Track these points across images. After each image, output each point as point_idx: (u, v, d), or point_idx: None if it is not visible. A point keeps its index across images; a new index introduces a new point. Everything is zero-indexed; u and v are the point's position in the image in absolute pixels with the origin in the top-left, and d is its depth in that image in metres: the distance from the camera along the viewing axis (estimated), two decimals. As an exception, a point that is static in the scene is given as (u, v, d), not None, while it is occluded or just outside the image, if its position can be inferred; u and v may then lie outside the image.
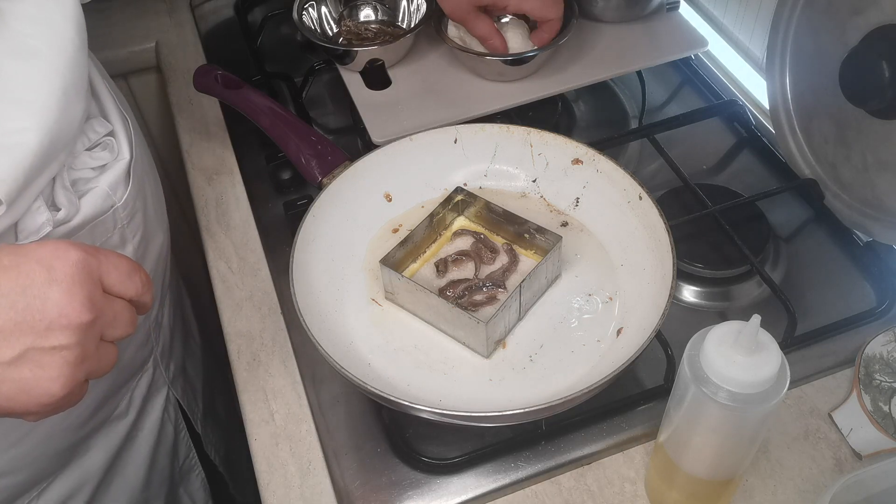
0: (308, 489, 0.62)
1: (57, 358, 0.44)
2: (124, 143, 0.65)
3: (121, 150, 0.65)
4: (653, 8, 0.92)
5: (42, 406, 0.45)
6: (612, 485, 0.62)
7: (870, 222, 0.71)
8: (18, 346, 0.43)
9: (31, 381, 0.44)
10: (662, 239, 0.64)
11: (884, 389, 0.62)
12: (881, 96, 0.64)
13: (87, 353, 0.45)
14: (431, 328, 0.66)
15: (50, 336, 0.43)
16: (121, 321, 0.47)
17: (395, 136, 0.74)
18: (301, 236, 0.66)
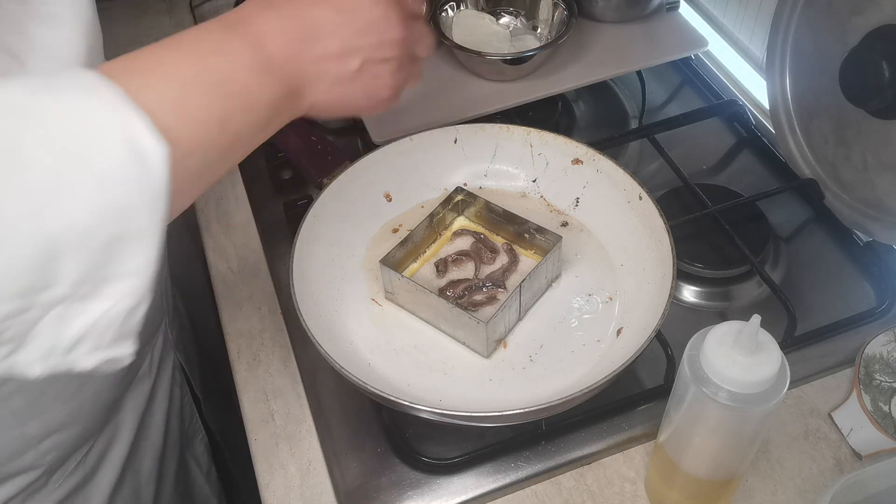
0: (308, 489, 0.62)
1: (386, 67, 0.54)
2: None
3: None
4: (653, 8, 0.92)
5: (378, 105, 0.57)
6: (612, 485, 0.62)
7: (870, 222, 0.71)
8: (359, 59, 0.52)
9: (371, 87, 0.54)
10: (662, 239, 0.64)
11: (884, 389, 0.62)
12: (881, 96, 0.64)
13: (404, 64, 0.55)
14: (431, 328, 0.66)
15: (381, 49, 0.53)
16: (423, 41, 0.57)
17: (395, 136, 0.74)
18: (301, 236, 0.66)
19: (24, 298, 0.36)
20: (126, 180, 0.37)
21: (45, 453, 0.63)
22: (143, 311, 0.41)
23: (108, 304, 0.39)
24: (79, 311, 0.38)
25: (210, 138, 0.44)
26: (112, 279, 0.38)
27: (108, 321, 0.39)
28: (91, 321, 0.39)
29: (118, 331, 0.40)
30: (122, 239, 0.38)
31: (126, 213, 0.38)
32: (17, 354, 0.38)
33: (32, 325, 0.37)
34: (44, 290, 0.36)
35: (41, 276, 0.36)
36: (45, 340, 0.38)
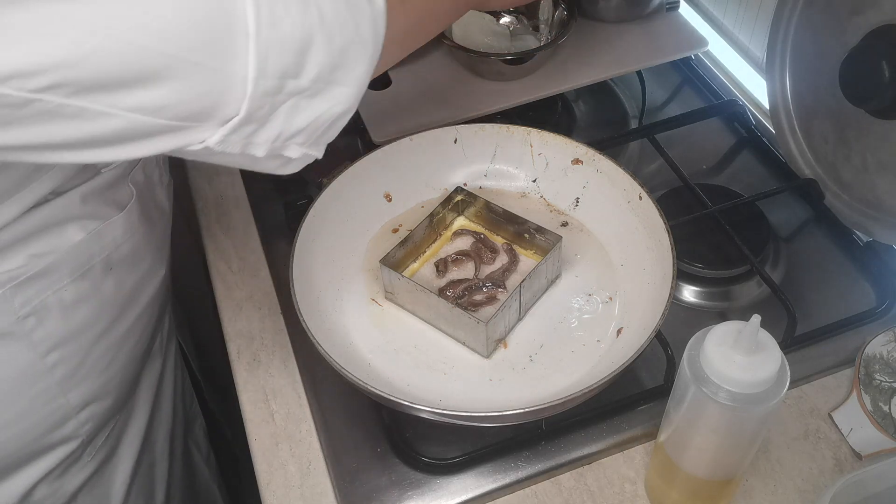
0: (308, 489, 0.62)
1: None
2: None
3: None
4: (653, 8, 0.92)
5: None
6: (612, 485, 0.62)
7: (870, 222, 0.71)
8: None
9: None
10: (662, 239, 0.64)
11: (884, 389, 0.62)
12: (881, 96, 0.64)
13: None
14: (431, 328, 0.66)
15: None
16: None
17: (395, 136, 0.74)
18: (301, 236, 0.66)
19: (280, 80, 0.41)
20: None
21: (84, 423, 0.66)
22: (345, 121, 0.47)
23: (327, 104, 0.45)
24: (306, 106, 0.44)
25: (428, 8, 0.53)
26: (336, 83, 0.45)
27: (322, 121, 0.46)
28: (312, 117, 0.45)
29: (324, 132, 0.47)
30: (352, 45, 0.44)
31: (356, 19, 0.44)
32: (257, 135, 0.43)
33: (274, 110, 0.43)
34: (293, 79, 0.42)
35: (295, 62, 0.42)
36: (277, 126, 0.44)
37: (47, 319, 0.58)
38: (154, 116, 0.39)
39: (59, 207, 0.57)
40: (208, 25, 0.38)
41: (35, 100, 0.36)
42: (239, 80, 0.40)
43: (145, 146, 0.41)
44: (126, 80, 0.38)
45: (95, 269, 0.61)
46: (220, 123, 0.42)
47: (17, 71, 0.35)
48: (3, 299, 0.55)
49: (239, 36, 0.39)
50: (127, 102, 0.38)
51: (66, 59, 0.36)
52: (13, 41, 0.35)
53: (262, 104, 0.42)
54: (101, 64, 0.36)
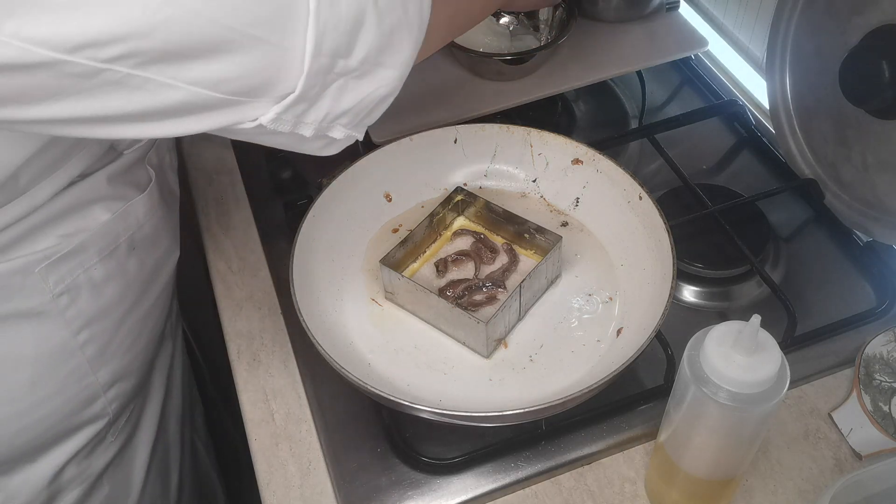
0: (308, 489, 0.62)
1: None
2: None
3: None
4: (653, 8, 0.92)
5: None
6: (612, 485, 0.62)
7: (870, 222, 0.71)
8: None
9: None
10: (662, 239, 0.64)
11: (884, 389, 0.62)
12: (881, 96, 0.64)
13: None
14: (431, 328, 0.66)
15: None
16: None
17: (395, 136, 0.74)
18: (301, 236, 0.66)
19: (332, 59, 0.42)
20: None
21: (111, 402, 0.68)
22: (387, 104, 0.48)
23: (373, 86, 0.46)
24: (354, 87, 0.45)
25: None
26: (382, 66, 0.45)
27: (367, 102, 0.46)
28: (359, 98, 0.46)
29: (368, 115, 0.48)
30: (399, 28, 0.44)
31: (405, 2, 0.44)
32: (307, 114, 0.44)
33: (325, 89, 0.43)
34: (343, 58, 0.43)
35: (347, 41, 0.42)
36: (326, 105, 0.44)
37: (79, 298, 0.60)
38: (213, 90, 0.40)
39: (87, 189, 0.59)
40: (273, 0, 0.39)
41: (105, 70, 0.37)
42: (297, 56, 0.41)
43: (202, 121, 0.42)
44: (191, 52, 0.38)
45: (121, 248, 0.63)
46: (274, 101, 0.42)
47: (92, 40, 0.35)
48: (39, 278, 0.57)
49: (301, 12, 0.39)
50: (189, 75, 0.39)
51: (138, 29, 0.36)
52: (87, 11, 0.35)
53: (315, 83, 0.42)
54: (170, 34, 0.37)
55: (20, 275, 0.56)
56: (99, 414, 0.67)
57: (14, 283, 0.56)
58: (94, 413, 0.67)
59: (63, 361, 0.62)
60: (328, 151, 0.49)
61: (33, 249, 0.56)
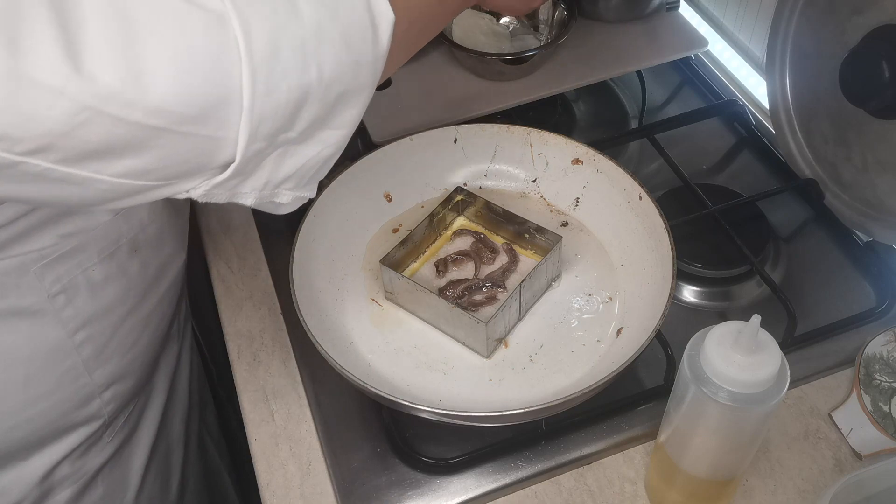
0: (308, 489, 0.62)
1: None
2: None
3: None
4: (653, 8, 0.92)
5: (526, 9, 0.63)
6: (612, 485, 0.62)
7: (870, 222, 0.71)
8: None
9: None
10: (662, 239, 0.64)
11: (884, 389, 0.62)
12: (881, 96, 0.64)
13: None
14: (431, 328, 0.66)
15: None
16: None
17: (395, 136, 0.74)
18: (301, 236, 0.66)
19: (271, 140, 0.40)
20: (362, 39, 0.42)
21: (107, 403, 0.67)
22: (336, 158, 0.46)
23: (317, 149, 0.44)
24: (295, 152, 0.43)
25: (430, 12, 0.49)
26: (327, 128, 0.43)
27: (312, 164, 0.45)
28: (301, 162, 0.44)
29: (314, 174, 0.46)
30: (347, 92, 0.42)
31: (356, 69, 0.42)
32: (244, 185, 0.42)
33: (262, 161, 0.42)
34: (283, 134, 0.41)
35: (287, 121, 0.40)
36: (265, 174, 0.43)
37: (76, 298, 0.60)
38: (140, 180, 0.39)
39: None
40: (203, 101, 0.37)
41: (21, 162, 0.36)
42: (229, 144, 0.39)
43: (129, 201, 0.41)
44: (114, 150, 0.37)
45: (122, 249, 0.62)
46: (206, 177, 0.41)
47: (5, 134, 0.35)
48: (35, 277, 0.57)
49: (233, 109, 0.38)
50: (113, 169, 0.38)
51: (55, 129, 0.35)
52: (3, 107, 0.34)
53: (248, 162, 0.41)
54: (91, 135, 0.36)
55: (15, 273, 0.56)
56: (94, 414, 0.67)
57: (8, 281, 0.56)
58: (90, 413, 0.66)
59: (58, 361, 0.61)
60: (278, 212, 0.48)
61: (30, 248, 0.56)
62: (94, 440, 0.69)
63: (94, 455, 0.70)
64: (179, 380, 0.83)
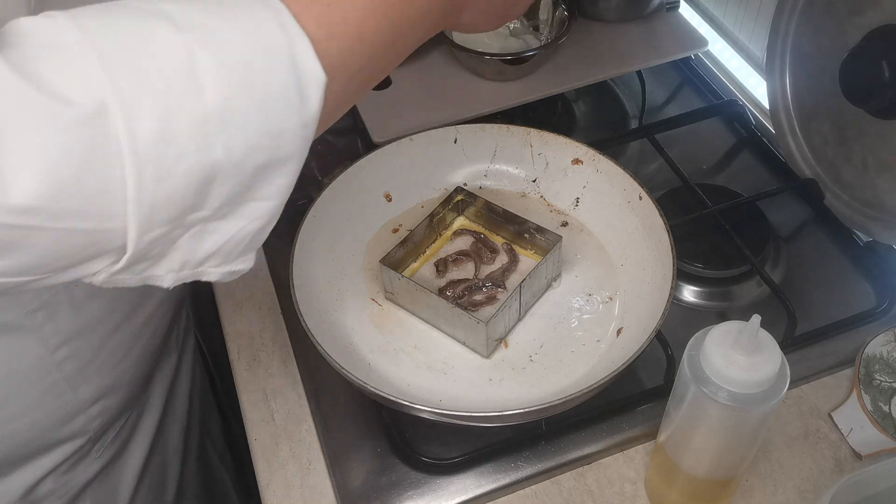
0: (308, 489, 0.62)
1: None
2: None
3: None
4: (653, 8, 0.92)
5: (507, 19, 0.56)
6: (612, 485, 0.62)
7: (870, 222, 0.71)
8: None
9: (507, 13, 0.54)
10: (662, 239, 0.64)
11: (884, 389, 0.62)
12: (881, 96, 0.64)
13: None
14: (431, 328, 0.66)
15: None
16: None
17: (395, 136, 0.74)
18: (301, 236, 0.66)
19: (175, 222, 0.37)
20: (284, 106, 0.37)
21: (94, 419, 0.65)
22: (270, 228, 0.42)
23: (241, 223, 0.40)
24: (214, 229, 0.39)
25: (376, 58, 0.43)
26: (251, 200, 0.39)
27: (239, 239, 0.40)
28: (225, 239, 0.40)
29: (244, 248, 0.41)
30: (270, 164, 0.38)
31: (278, 138, 0.37)
32: (154, 268, 0.39)
33: (173, 243, 0.38)
34: (191, 214, 0.37)
35: (194, 202, 0.36)
36: (181, 255, 0.39)
37: (58, 314, 0.58)
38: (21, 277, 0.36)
39: None
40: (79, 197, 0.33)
41: None
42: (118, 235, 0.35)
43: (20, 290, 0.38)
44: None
45: None
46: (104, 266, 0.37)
47: None
48: None
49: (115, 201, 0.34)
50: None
51: None
52: None
53: (150, 248, 0.37)
54: None
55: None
56: (80, 431, 0.65)
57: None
58: (75, 430, 0.64)
59: (38, 378, 0.59)
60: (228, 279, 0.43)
61: None
62: (81, 455, 0.67)
63: (81, 470, 0.68)
64: (178, 391, 0.81)
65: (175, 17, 0.35)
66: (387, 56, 0.44)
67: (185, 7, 0.36)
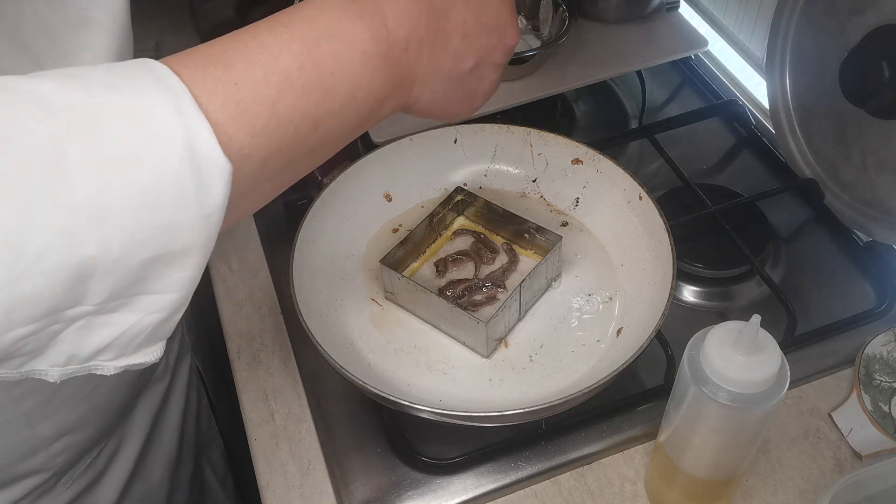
0: (308, 489, 0.62)
1: (492, 72, 0.51)
2: None
3: None
4: (653, 8, 0.92)
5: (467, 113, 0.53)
6: (612, 485, 0.62)
7: (870, 222, 0.71)
8: (474, 58, 0.48)
9: (473, 91, 0.51)
10: (662, 239, 0.64)
11: (884, 389, 0.62)
12: (881, 96, 0.64)
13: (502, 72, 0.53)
14: (431, 328, 0.66)
15: (496, 52, 0.50)
16: None
17: (395, 136, 0.74)
18: (301, 236, 0.66)
19: (47, 319, 0.33)
20: (178, 199, 0.33)
21: (56, 455, 0.62)
22: (177, 318, 0.38)
23: (138, 316, 0.36)
24: (104, 323, 0.35)
25: (297, 140, 0.39)
26: (145, 294, 0.35)
27: (136, 332, 0.36)
28: (118, 332, 0.36)
29: (146, 339, 0.37)
30: (163, 258, 0.34)
31: (171, 232, 0.34)
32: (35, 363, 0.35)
33: (53, 337, 0.34)
34: (68, 310, 0.33)
35: (67, 298, 0.33)
36: (66, 349, 0.35)
37: None
38: None
39: None
40: None
41: None
42: None
43: None
44: None
45: None
46: None
47: None
48: None
49: None
50: None
51: None
52: None
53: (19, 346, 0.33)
54: None
55: None
56: (41, 467, 0.61)
57: None
58: (35, 466, 0.61)
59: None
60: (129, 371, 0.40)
61: None
62: (45, 490, 0.64)
63: (47, 502, 0.64)
64: (165, 420, 0.78)
65: (49, 99, 0.31)
66: (313, 138, 0.40)
67: (65, 87, 0.32)
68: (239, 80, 0.36)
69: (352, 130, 0.43)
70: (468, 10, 0.47)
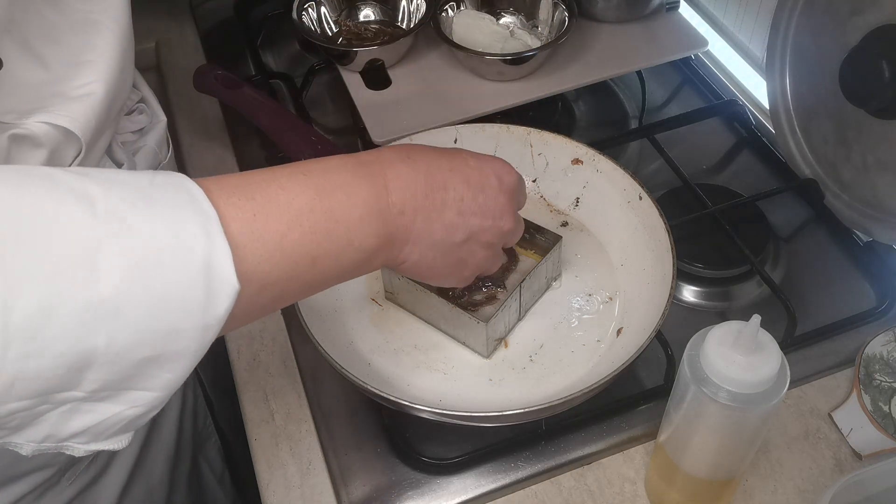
0: (308, 489, 0.62)
1: (483, 251, 0.54)
2: (157, 107, 0.69)
3: (156, 113, 0.68)
4: (653, 8, 0.92)
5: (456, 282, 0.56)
6: (612, 485, 0.62)
7: (870, 222, 0.71)
8: (465, 234, 0.52)
9: (461, 263, 0.54)
10: (662, 239, 0.64)
11: (884, 389, 0.62)
12: (881, 96, 0.64)
13: (497, 253, 0.56)
14: (431, 328, 0.66)
15: (488, 233, 0.53)
16: (517, 235, 0.58)
17: (395, 136, 0.74)
18: (301, 236, 0.66)
19: (40, 398, 0.35)
20: (189, 305, 0.36)
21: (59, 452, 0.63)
22: (151, 415, 0.40)
23: (120, 408, 0.38)
24: (88, 410, 0.37)
25: (295, 274, 0.43)
26: (133, 389, 0.37)
27: (114, 422, 0.38)
28: (98, 420, 0.38)
29: (121, 429, 0.39)
30: (159, 358, 0.37)
31: (172, 335, 0.36)
32: (15, 437, 0.37)
33: (39, 416, 0.36)
34: (61, 392, 0.36)
35: (64, 382, 0.35)
36: (46, 429, 0.37)
37: None
38: None
39: None
40: None
41: None
42: None
43: None
44: None
45: None
46: None
47: None
48: None
49: None
50: None
51: None
52: None
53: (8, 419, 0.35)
54: None
55: None
56: (46, 463, 0.62)
57: None
58: (40, 462, 0.62)
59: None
60: None
61: None
62: (50, 485, 0.65)
63: (51, 498, 0.65)
64: (164, 416, 0.78)
65: (97, 202, 0.35)
66: (309, 274, 0.44)
67: (110, 194, 0.35)
68: (257, 212, 0.41)
69: (343, 274, 0.47)
70: (467, 189, 0.52)
